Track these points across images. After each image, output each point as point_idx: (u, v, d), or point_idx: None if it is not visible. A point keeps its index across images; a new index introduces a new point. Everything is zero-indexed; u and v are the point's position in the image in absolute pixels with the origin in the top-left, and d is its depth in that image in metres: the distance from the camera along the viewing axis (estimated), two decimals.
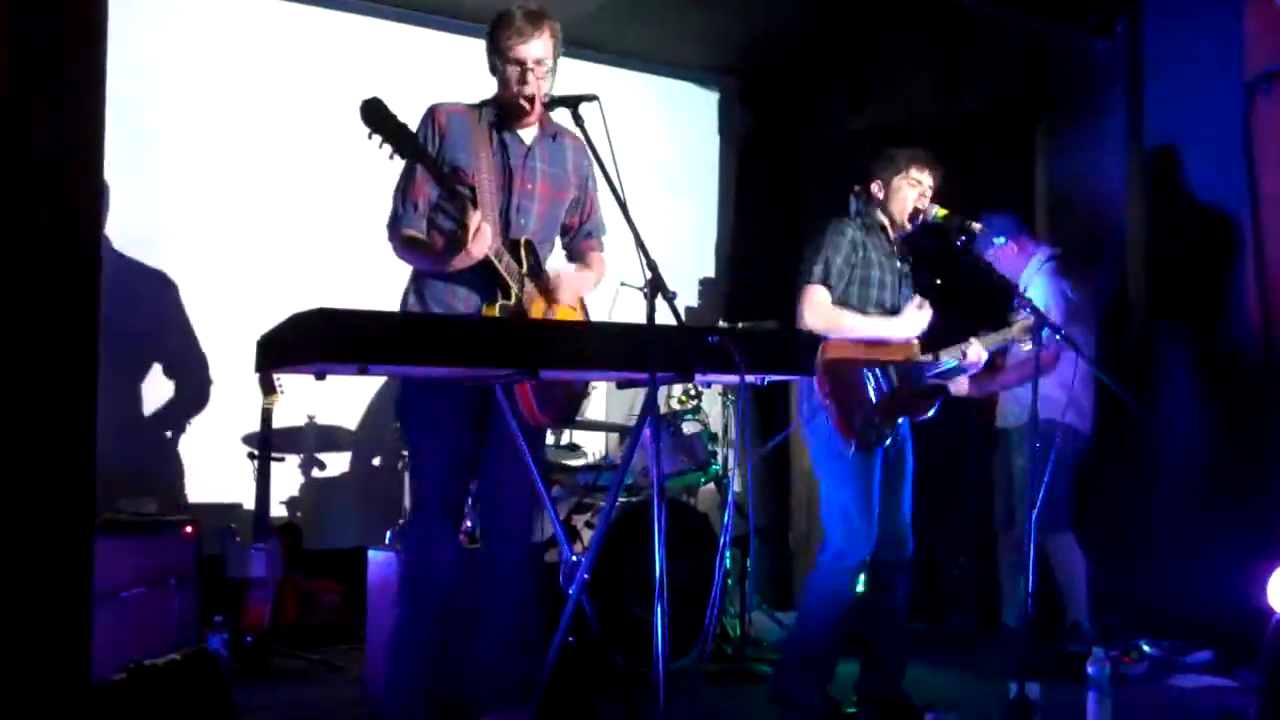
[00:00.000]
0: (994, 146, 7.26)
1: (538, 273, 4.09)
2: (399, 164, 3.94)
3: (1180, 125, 6.55)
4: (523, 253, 4.03)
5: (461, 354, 3.20)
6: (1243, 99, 6.06)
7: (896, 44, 7.26)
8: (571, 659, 4.91)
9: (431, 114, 4.09)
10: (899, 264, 4.98)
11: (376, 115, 3.63)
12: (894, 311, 4.90)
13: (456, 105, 4.13)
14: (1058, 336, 4.98)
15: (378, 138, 3.65)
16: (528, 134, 4.17)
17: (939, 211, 4.87)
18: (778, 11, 7.19)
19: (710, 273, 8.35)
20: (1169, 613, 6.01)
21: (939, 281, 6.09)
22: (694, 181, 8.38)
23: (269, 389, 5.90)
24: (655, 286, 3.34)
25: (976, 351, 4.94)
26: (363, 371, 3.11)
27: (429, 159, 3.85)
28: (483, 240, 3.83)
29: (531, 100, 4.03)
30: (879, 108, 7.34)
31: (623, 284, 6.02)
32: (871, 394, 4.76)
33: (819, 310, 4.75)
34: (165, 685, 4.24)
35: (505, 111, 4.11)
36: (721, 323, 6.90)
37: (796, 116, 8.12)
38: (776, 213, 8.00)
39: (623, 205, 3.46)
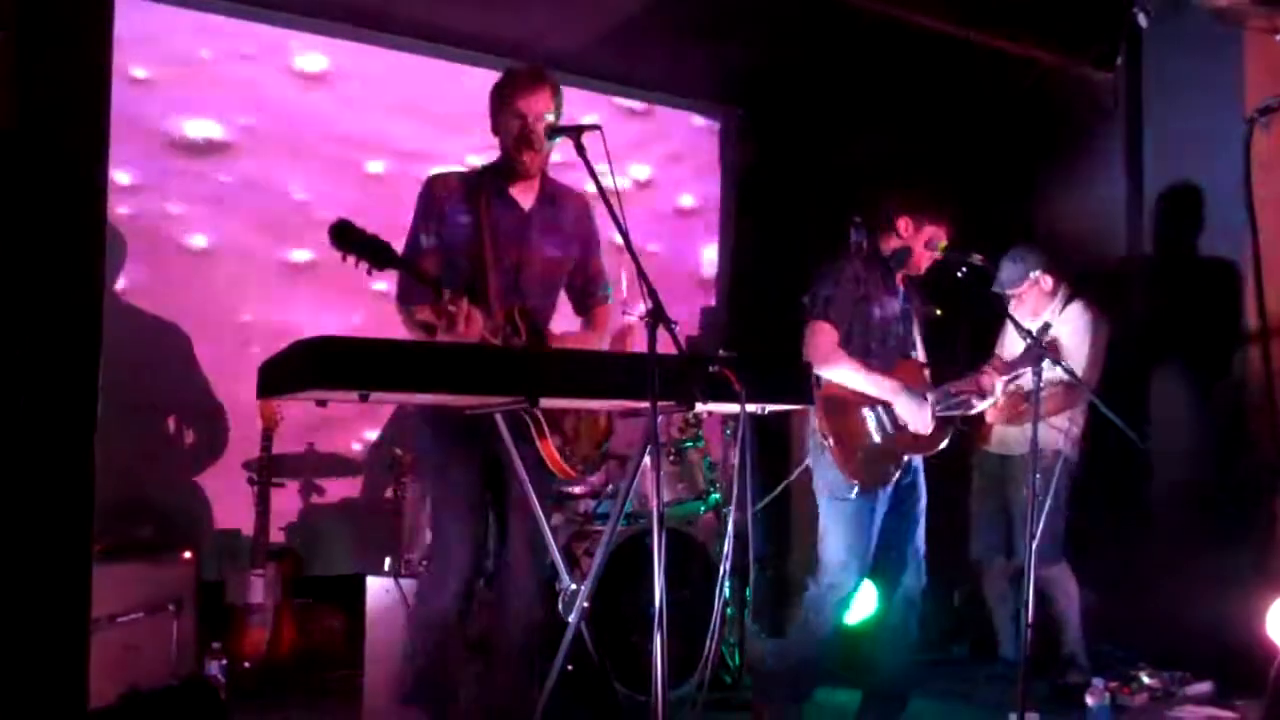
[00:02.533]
0: (993, 179, 7.28)
1: (537, 340, 4.09)
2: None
3: (1179, 158, 6.57)
4: (518, 320, 4.02)
5: (462, 381, 3.21)
6: (1242, 133, 6.08)
7: (897, 75, 7.27)
8: (571, 687, 4.91)
9: (431, 185, 4.12)
10: (900, 303, 4.95)
11: (347, 237, 3.54)
12: (898, 348, 4.89)
13: (452, 175, 4.17)
14: (1058, 370, 4.98)
15: (352, 258, 3.57)
16: (526, 198, 4.18)
17: (941, 244, 4.87)
18: (780, 43, 7.21)
19: (711, 302, 8.36)
20: (1168, 644, 6.00)
21: (939, 312, 6.10)
22: (695, 210, 8.39)
23: (270, 415, 5.91)
24: (656, 316, 3.35)
25: (990, 382, 4.92)
26: (364, 398, 3.12)
27: (404, 263, 3.78)
28: (475, 326, 3.79)
29: (534, 156, 4.06)
30: (879, 139, 7.35)
31: (625, 314, 6.03)
32: (874, 434, 4.75)
33: (823, 349, 4.70)
34: (162, 711, 4.24)
35: (504, 174, 4.14)
36: (722, 352, 6.89)
37: (797, 147, 8.13)
38: (777, 243, 8.00)
39: (624, 234, 3.47)
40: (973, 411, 5.06)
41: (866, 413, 4.75)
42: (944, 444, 4.87)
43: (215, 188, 6.57)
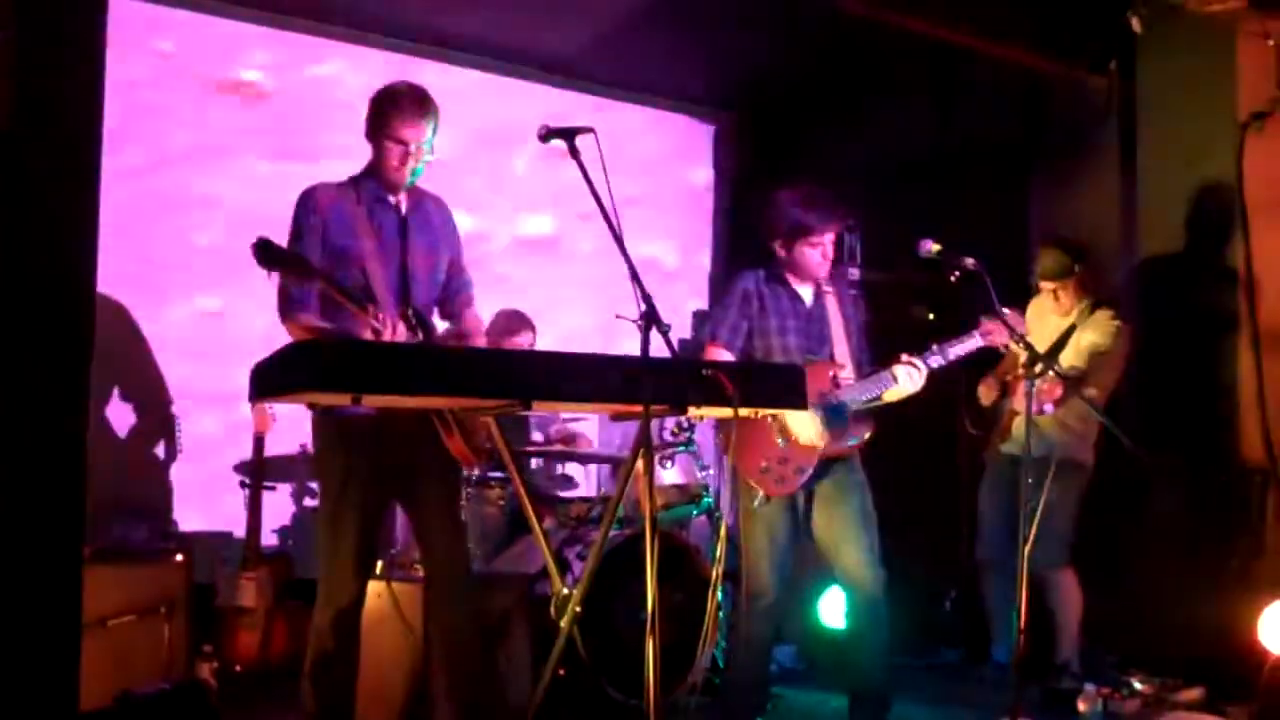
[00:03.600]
0: (988, 183, 7.28)
1: (430, 338, 4.16)
2: None
3: (1174, 162, 6.57)
4: (414, 323, 4.07)
5: (454, 385, 3.20)
6: (1236, 136, 6.09)
7: (892, 79, 7.28)
8: (563, 691, 4.90)
9: (310, 197, 4.12)
10: (809, 307, 4.97)
11: (270, 254, 3.63)
12: (808, 350, 4.89)
13: (330, 185, 4.17)
14: (1051, 372, 4.97)
15: (277, 275, 3.70)
16: (400, 203, 4.23)
17: (934, 248, 4.86)
18: (773, 46, 7.22)
19: (704, 305, 8.36)
20: (1159, 650, 6.00)
21: (931, 315, 6.10)
22: (688, 214, 8.40)
23: (262, 417, 5.90)
24: (649, 319, 3.35)
25: (905, 373, 4.80)
26: (356, 401, 3.11)
27: (325, 277, 3.85)
28: (400, 335, 3.90)
29: (405, 179, 4.13)
30: (874, 143, 7.36)
31: (618, 316, 6.01)
32: (777, 439, 4.77)
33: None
34: (154, 714, 4.23)
35: (379, 183, 4.18)
36: None
37: (791, 150, 8.14)
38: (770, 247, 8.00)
39: (618, 237, 3.47)
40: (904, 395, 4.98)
41: (768, 423, 4.75)
42: (863, 439, 4.83)
43: None
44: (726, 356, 4.81)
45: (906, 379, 4.77)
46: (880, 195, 6.82)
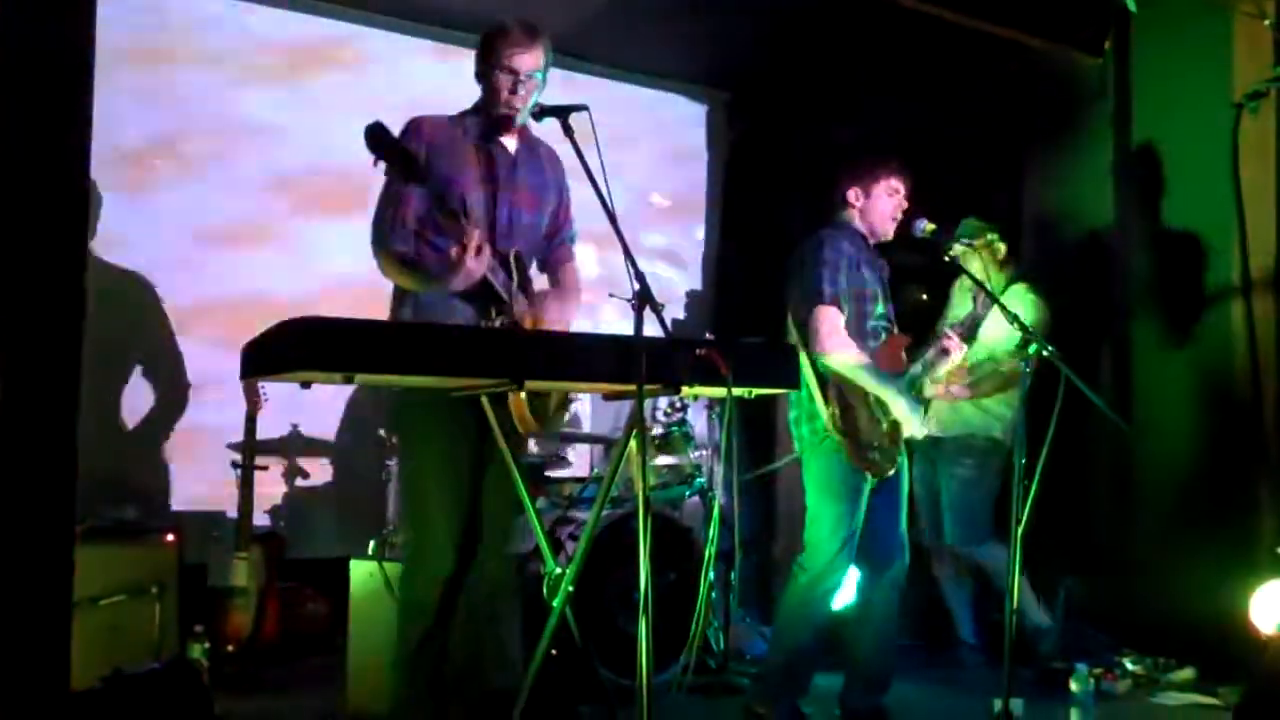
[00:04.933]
0: (981, 164, 7.27)
1: (527, 287, 4.06)
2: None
3: (1168, 145, 6.57)
4: (513, 266, 3.99)
5: (447, 363, 3.19)
6: (1231, 118, 6.08)
7: (884, 58, 7.26)
8: (555, 671, 4.90)
9: (416, 126, 4.04)
10: (881, 274, 4.94)
11: (381, 140, 3.61)
12: (882, 323, 4.85)
13: (439, 117, 4.10)
14: (1045, 353, 4.97)
15: (383, 163, 3.64)
16: (510, 145, 4.14)
17: (928, 226, 4.85)
18: (767, 25, 7.20)
19: (698, 285, 8.35)
20: (1151, 629, 6.02)
21: (924, 297, 6.09)
22: (682, 194, 8.38)
23: (253, 396, 5.88)
24: (643, 298, 3.33)
25: (954, 344, 4.82)
26: (348, 380, 3.10)
27: (430, 181, 3.80)
28: (484, 259, 3.78)
29: (518, 111, 4.03)
30: (866, 122, 7.34)
31: (611, 295, 6.00)
32: (885, 424, 4.74)
33: (836, 334, 4.66)
34: (145, 694, 4.22)
35: (489, 122, 4.10)
36: (709, 335, 6.88)
37: (785, 130, 8.13)
38: (764, 226, 8.00)
39: (612, 216, 3.45)
40: (942, 370, 4.99)
41: (875, 405, 4.73)
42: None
43: None
44: (838, 322, 4.67)
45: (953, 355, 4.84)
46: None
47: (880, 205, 4.87)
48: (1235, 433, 6.15)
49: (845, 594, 5.08)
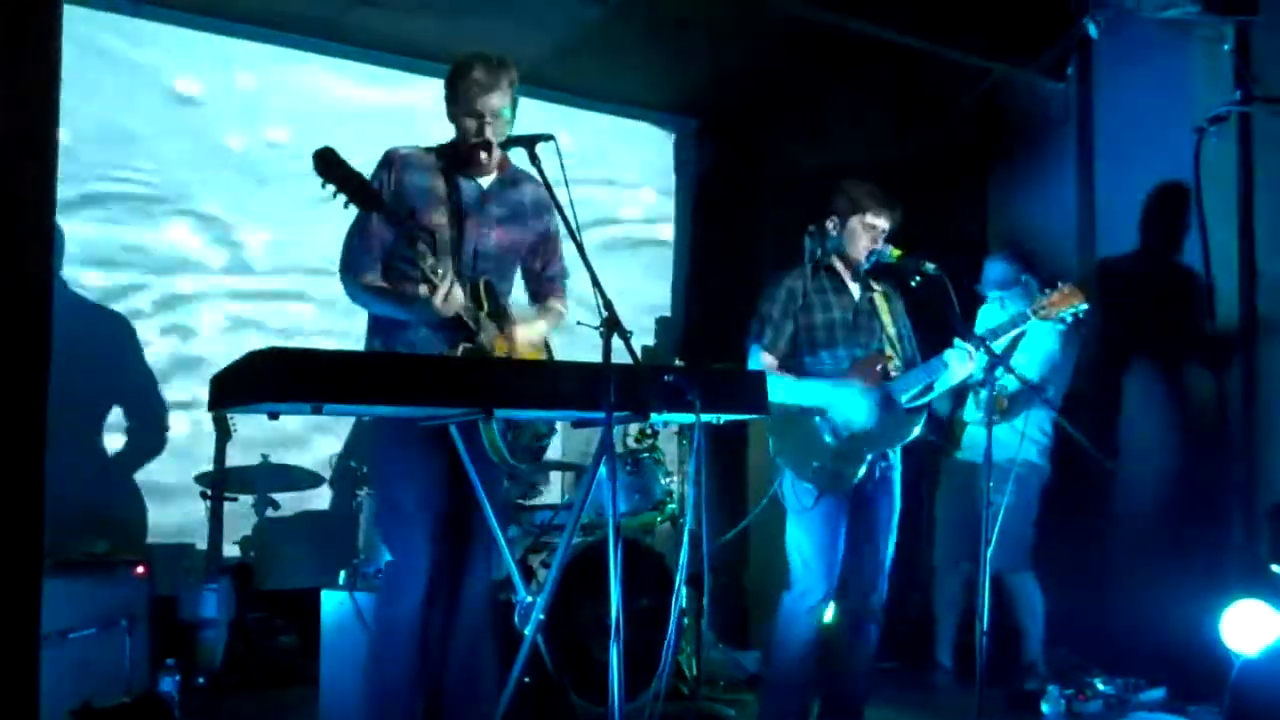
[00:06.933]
0: (947, 187, 7.31)
1: (499, 314, 4.07)
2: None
3: (1131, 168, 6.62)
4: (483, 295, 4.01)
5: (415, 393, 3.20)
6: (1192, 142, 6.14)
7: (851, 85, 7.31)
8: (528, 699, 4.89)
9: (388, 158, 4.08)
10: (859, 299, 4.95)
11: (330, 165, 3.61)
12: (856, 343, 4.87)
13: (413, 149, 4.13)
14: (1015, 379, 5.00)
15: (332, 187, 3.63)
16: (485, 179, 4.17)
17: (894, 252, 4.87)
18: (734, 52, 7.24)
19: (667, 312, 8.36)
20: (1122, 650, 6.04)
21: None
22: (650, 220, 8.39)
23: (222, 428, 5.87)
24: (611, 325, 3.35)
25: (954, 357, 4.77)
26: (316, 411, 3.10)
27: (386, 207, 3.81)
28: (453, 302, 3.80)
29: (489, 149, 4.05)
30: (834, 148, 7.39)
31: (579, 323, 6.00)
32: (828, 438, 4.76)
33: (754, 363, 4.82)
34: None
35: (461, 156, 4.12)
36: (678, 362, 6.89)
37: (752, 156, 8.16)
38: (732, 252, 8.03)
39: (579, 244, 3.47)
40: (955, 382, 4.97)
41: (816, 422, 4.75)
42: (914, 434, 4.83)
43: None
44: (771, 361, 4.79)
45: (957, 363, 4.76)
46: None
47: (854, 238, 4.90)
48: (1204, 454, 6.19)
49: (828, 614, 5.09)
